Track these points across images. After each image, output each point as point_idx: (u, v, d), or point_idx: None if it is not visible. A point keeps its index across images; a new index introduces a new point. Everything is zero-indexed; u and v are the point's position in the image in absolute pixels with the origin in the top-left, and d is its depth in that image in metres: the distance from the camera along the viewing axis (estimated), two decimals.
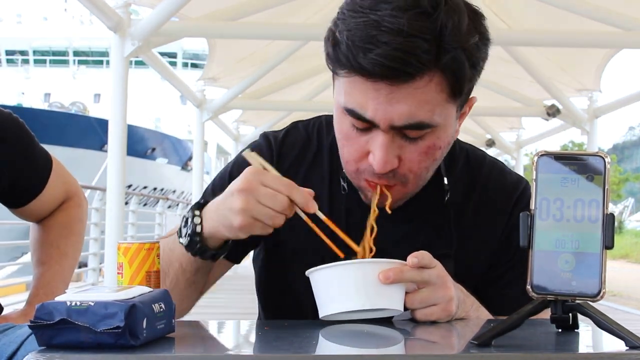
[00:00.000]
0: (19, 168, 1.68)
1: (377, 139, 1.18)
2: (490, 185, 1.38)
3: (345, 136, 1.23)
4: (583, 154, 0.97)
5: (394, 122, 1.16)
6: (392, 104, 1.14)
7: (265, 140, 1.42)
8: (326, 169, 1.37)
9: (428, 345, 1.12)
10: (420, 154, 1.21)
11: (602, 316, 0.95)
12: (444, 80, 1.14)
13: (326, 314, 1.14)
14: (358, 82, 1.15)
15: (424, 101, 1.14)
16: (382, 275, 1.11)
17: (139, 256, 1.15)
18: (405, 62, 1.10)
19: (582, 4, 6.62)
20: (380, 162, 1.19)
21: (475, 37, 1.15)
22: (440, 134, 1.20)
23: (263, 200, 1.14)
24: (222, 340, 1.18)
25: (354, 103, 1.17)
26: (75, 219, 1.85)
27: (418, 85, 1.13)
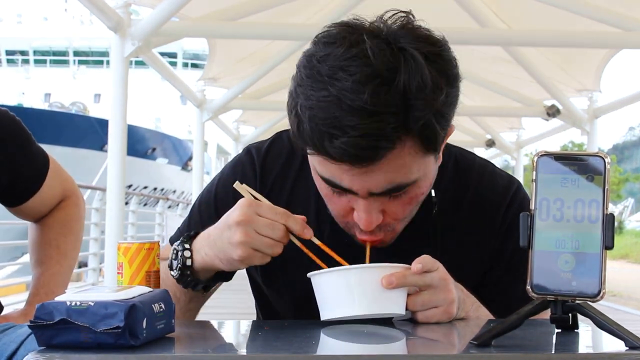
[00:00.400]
0: (16, 166, 1.68)
1: (358, 202, 1.18)
2: (481, 188, 1.35)
3: (326, 195, 1.23)
4: (583, 154, 0.97)
5: (372, 190, 1.15)
6: (368, 175, 1.12)
7: (247, 155, 1.39)
8: (312, 184, 1.30)
9: (428, 345, 1.12)
10: (404, 205, 1.20)
11: (602, 316, 0.95)
12: (417, 142, 1.11)
13: (328, 317, 1.14)
14: (327, 161, 1.13)
15: (400, 166, 1.13)
16: (385, 281, 1.11)
17: (139, 256, 1.15)
18: (373, 146, 1.07)
19: (582, 4, 6.62)
20: (365, 223, 1.18)
21: (443, 91, 1.10)
22: (421, 184, 1.19)
23: (262, 230, 1.15)
24: (222, 340, 1.18)
25: (329, 174, 1.16)
26: (74, 218, 1.85)
27: (391, 157, 1.10)
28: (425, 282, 1.16)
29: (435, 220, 1.32)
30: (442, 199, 1.32)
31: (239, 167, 1.38)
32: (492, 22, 7.07)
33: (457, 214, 1.34)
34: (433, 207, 1.32)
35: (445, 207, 1.33)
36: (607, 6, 6.63)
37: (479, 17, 6.98)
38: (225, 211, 1.22)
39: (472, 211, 1.34)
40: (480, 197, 1.34)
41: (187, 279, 1.24)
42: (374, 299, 1.12)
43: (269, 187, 1.34)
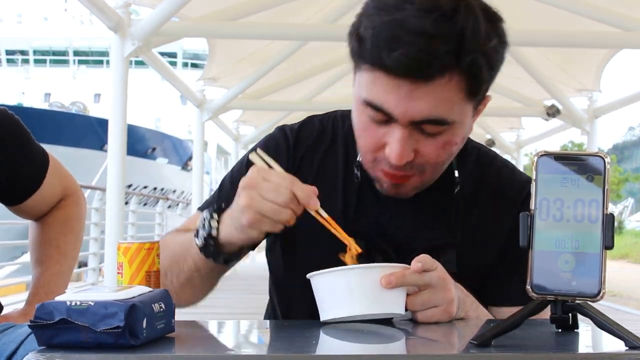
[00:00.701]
0: (16, 165, 1.68)
1: (394, 132, 1.21)
2: (499, 183, 1.41)
3: (362, 127, 1.26)
4: (583, 154, 0.97)
5: (413, 118, 1.19)
6: (413, 100, 1.17)
7: (281, 131, 1.45)
8: (341, 158, 1.40)
9: (428, 345, 1.12)
10: (437, 148, 1.24)
11: (602, 316, 0.95)
12: (463, 80, 1.17)
13: (327, 318, 1.14)
14: (380, 77, 1.18)
15: (443, 99, 1.18)
16: (384, 280, 1.12)
17: (139, 256, 1.15)
18: (427, 62, 1.13)
19: (582, 4, 6.62)
20: (397, 155, 1.21)
21: (494, 41, 1.19)
22: (456, 130, 1.24)
23: (266, 194, 1.16)
24: (222, 340, 1.18)
25: (375, 96, 1.20)
26: (74, 217, 1.85)
27: (438, 84, 1.16)
28: (424, 282, 1.16)
29: (457, 203, 1.37)
30: (463, 183, 1.37)
31: (271, 141, 1.43)
32: None
33: (475, 203, 1.38)
34: (455, 187, 1.37)
35: (465, 195, 1.38)
36: (607, 6, 6.63)
37: None
38: None
39: (489, 203, 1.38)
40: (498, 192, 1.40)
41: (210, 249, 1.26)
42: (374, 299, 1.12)
43: (299, 161, 1.40)
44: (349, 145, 1.40)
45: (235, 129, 13.43)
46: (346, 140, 1.41)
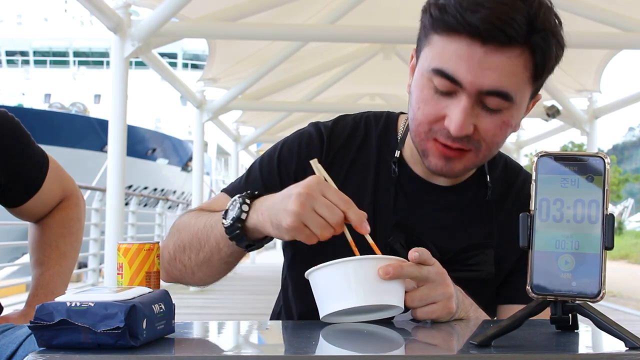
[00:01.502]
0: (16, 167, 1.68)
1: (458, 102, 1.24)
2: (524, 192, 1.44)
3: (424, 99, 1.28)
4: (583, 154, 0.97)
5: (482, 87, 1.22)
6: (484, 69, 1.21)
7: (314, 127, 1.46)
8: (373, 156, 1.42)
9: (428, 346, 1.12)
10: (495, 126, 1.27)
11: (602, 317, 0.95)
12: (531, 58, 1.23)
13: (326, 313, 1.14)
14: (455, 43, 1.22)
15: (511, 72, 1.22)
16: (381, 271, 1.12)
17: (139, 257, 1.15)
18: (506, 25, 1.18)
19: (582, 4, 6.62)
20: (458, 125, 1.24)
21: (561, 31, 1.26)
22: (514, 112, 1.27)
23: (319, 209, 1.16)
24: (221, 341, 1.18)
25: (447, 63, 1.23)
26: (73, 219, 1.85)
27: (510, 55, 1.21)
28: (422, 274, 1.16)
29: (491, 206, 1.41)
30: (493, 188, 1.42)
31: (305, 135, 1.45)
32: None
33: (504, 206, 1.42)
34: (488, 190, 1.42)
35: (495, 199, 1.42)
36: (607, 6, 6.64)
37: None
38: (286, 171, 1.39)
39: (513, 212, 1.39)
40: (523, 198, 1.43)
41: (236, 231, 1.26)
42: (371, 291, 1.12)
43: (333, 156, 1.42)
44: (382, 144, 1.43)
45: (235, 129, 13.44)
46: (380, 139, 1.44)
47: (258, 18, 7.09)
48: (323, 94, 10.97)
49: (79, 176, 5.20)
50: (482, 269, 1.36)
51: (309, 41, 8.24)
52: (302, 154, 1.42)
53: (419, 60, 1.31)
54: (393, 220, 1.37)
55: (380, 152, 1.43)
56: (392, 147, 1.42)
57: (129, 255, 1.15)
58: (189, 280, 1.42)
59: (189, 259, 1.35)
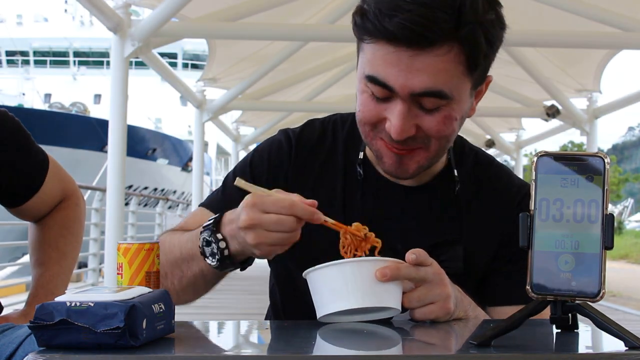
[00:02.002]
0: (16, 167, 1.68)
1: (395, 107, 1.24)
2: (497, 185, 1.44)
3: (364, 103, 1.29)
4: (583, 154, 0.97)
5: (413, 89, 1.22)
6: (412, 71, 1.20)
7: (283, 134, 1.48)
8: (341, 160, 1.43)
9: (427, 346, 1.12)
10: (438, 122, 1.26)
11: (602, 316, 0.95)
12: (462, 52, 1.20)
13: (324, 313, 1.14)
14: (381, 49, 1.21)
15: (442, 70, 1.20)
16: (378, 273, 1.12)
17: (139, 257, 1.15)
18: (426, 27, 1.17)
19: (582, 4, 6.62)
20: (397, 129, 1.24)
21: (492, 16, 1.22)
22: (454, 106, 1.26)
23: (271, 227, 1.16)
24: (221, 341, 1.18)
25: (376, 70, 1.23)
26: (73, 219, 1.85)
27: (437, 54, 1.19)
28: (419, 275, 1.16)
29: (459, 201, 1.40)
30: (462, 183, 1.40)
31: (275, 143, 1.47)
32: None
33: (475, 201, 1.41)
34: (455, 185, 1.40)
35: (465, 194, 1.41)
36: (607, 6, 6.63)
37: None
38: (259, 179, 1.38)
39: (486, 205, 1.41)
40: (496, 191, 1.43)
41: (227, 266, 1.26)
42: (369, 292, 1.12)
43: (302, 161, 1.43)
44: (349, 146, 1.43)
45: (235, 129, 13.43)
46: (347, 142, 1.44)
47: (258, 18, 7.09)
48: (323, 94, 10.97)
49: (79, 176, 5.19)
50: (451, 265, 1.33)
51: (309, 41, 8.24)
52: (272, 161, 1.44)
53: (358, 66, 1.31)
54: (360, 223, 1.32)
55: (347, 155, 1.43)
56: (358, 149, 1.43)
57: (129, 255, 1.15)
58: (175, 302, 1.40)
59: (172, 284, 1.34)
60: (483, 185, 1.43)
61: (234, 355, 1.01)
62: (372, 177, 1.41)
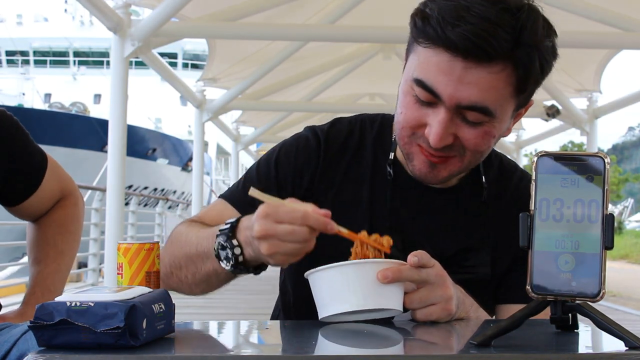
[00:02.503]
0: (14, 166, 1.68)
1: (438, 114, 1.25)
2: (521, 188, 1.44)
3: (406, 105, 1.29)
4: (583, 154, 0.97)
5: (460, 101, 1.23)
6: (463, 83, 1.21)
7: (311, 131, 1.47)
8: (369, 159, 1.43)
9: (428, 346, 1.12)
10: (477, 136, 1.27)
11: (602, 316, 0.95)
12: (514, 74, 1.22)
13: (325, 315, 1.14)
14: (437, 56, 1.22)
15: (492, 88, 1.22)
16: (380, 275, 1.12)
17: (139, 257, 1.15)
18: (487, 42, 1.17)
19: (582, 4, 6.62)
20: (436, 137, 1.25)
21: (549, 42, 1.25)
22: (496, 124, 1.27)
23: (285, 238, 1.14)
24: (222, 341, 1.18)
25: (427, 75, 1.24)
26: (72, 218, 1.85)
27: (491, 70, 1.20)
28: (421, 277, 1.17)
29: (487, 207, 1.41)
30: (489, 189, 1.41)
31: (302, 139, 1.45)
32: None
33: (499, 207, 1.42)
34: (483, 192, 1.41)
35: (491, 198, 1.42)
36: (607, 6, 6.63)
37: None
38: (283, 175, 1.40)
39: (509, 211, 1.39)
40: (520, 197, 1.42)
41: (241, 271, 1.25)
42: (370, 294, 1.12)
43: (330, 159, 1.42)
44: (378, 147, 1.43)
45: (235, 129, 13.44)
46: (375, 142, 1.44)
47: (258, 18, 7.09)
48: (323, 94, 10.97)
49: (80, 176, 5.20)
50: (478, 271, 1.36)
51: (309, 41, 8.24)
52: (300, 158, 1.42)
53: (406, 64, 1.31)
54: (388, 223, 1.37)
55: (376, 155, 1.43)
56: (386, 149, 1.43)
57: (129, 255, 1.15)
58: (187, 293, 1.39)
59: (186, 277, 1.34)
60: (507, 191, 1.44)
61: (234, 355, 1.01)
62: (401, 178, 1.40)
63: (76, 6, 40.98)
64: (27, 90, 36.60)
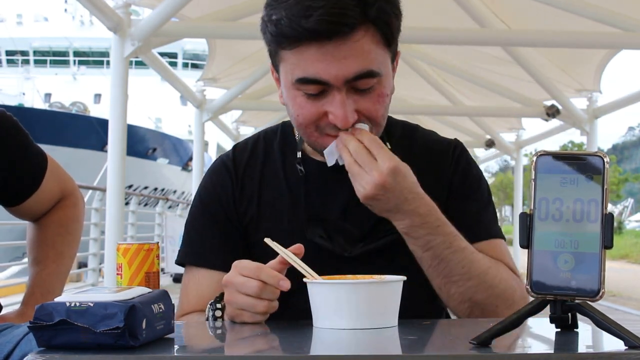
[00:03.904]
0: (14, 166, 1.68)
1: (333, 98, 1.31)
2: (428, 141, 1.53)
3: (299, 106, 1.35)
4: (582, 153, 0.97)
5: (346, 76, 1.29)
6: (340, 60, 1.28)
7: (218, 161, 1.54)
8: (279, 164, 1.49)
9: (428, 345, 1.12)
10: (374, 102, 1.34)
11: (602, 316, 0.95)
12: (376, 32, 1.30)
13: (320, 326, 1.14)
14: (305, 50, 1.28)
15: (365, 52, 1.29)
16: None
17: (139, 257, 1.16)
18: (340, 17, 1.25)
19: (582, 4, 6.61)
20: (343, 118, 1.31)
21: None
22: (384, 82, 1.35)
23: (240, 288, 1.21)
24: (221, 341, 1.18)
25: (306, 71, 1.30)
26: (72, 218, 1.85)
27: (356, 38, 1.27)
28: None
29: None
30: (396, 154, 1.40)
31: (214, 171, 1.53)
32: (491, 23, 7.06)
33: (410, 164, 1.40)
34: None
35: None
36: (607, 6, 6.63)
37: (478, 17, 6.97)
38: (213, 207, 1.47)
39: (421, 160, 1.46)
40: (427, 149, 1.51)
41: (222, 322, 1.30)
42: (364, 314, 1.11)
43: (242, 177, 1.49)
44: (285, 150, 1.50)
45: (235, 129, 13.43)
46: (281, 147, 1.50)
47: (258, 18, 7.07)
48: None
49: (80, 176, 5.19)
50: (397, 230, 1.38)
51: None
52: (217, 188, 1.49)
53: (280, 76, 1.38)
54: (306, 215, 1.42)
55: (285, 158, 1.50)
56: (293, 149, 1.49)
57: (129, 255, 1.16)
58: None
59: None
60: (413, 149, 1.49)
61: (234, 355, 1.01)
62: (313, 170, 1.46)
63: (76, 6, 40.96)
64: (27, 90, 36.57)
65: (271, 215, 1.44)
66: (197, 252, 1.47)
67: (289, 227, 1.42)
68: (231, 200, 1.47)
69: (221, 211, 1.47)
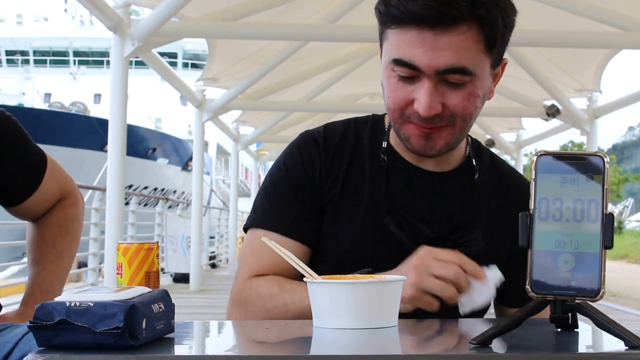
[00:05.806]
0: (13, 166, 1.68)
1: (422, 86, 1.32)
2: (513, 177, 1.55)
3: (392, 88, 1.37)
4: (582, 153, 0.97)
5: (438, 67, 1.30)
6: (436, 49, 1.29)
7: (308, 135, 1.52)
8: (367, 152, 1.50)
9: (428, 345, 1.12)
10: (463, 99, 1.34)
11: (602, 316, 0.95)
12: (480, 31, 1.30)
13: (320, 326, 1.14)
14: (406, 33, 1.30)
15: (464, 48, 1.29)
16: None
17: (139, 256, 1.15)
18: (447, 7, 1.26)
19: (582, 4, 6.62)
20: (425, 107, 1.32)
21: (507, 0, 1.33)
22: (477, 83, 1.34)
23: (436, 271, 1.25)
24: (221, 340, 1.18)
25: (403, 52, 1.31)
26: (71, 218, 1.85)
27: (458, 33, 1.28)
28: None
29: (480, 188, 1.48)
30: (481, 177, 1.48)
31: (301, 143, 1.51)
32: None
33: (494, 191, 1.49)
34: (475, 174, 1.48)
35: (484, 185, 1.50)
36: (607, 6, 6.63)
37: None
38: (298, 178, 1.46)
39: (503, 201, 1.49)
40: (513, 185, 1.53)
41: None
42: (365, 314, 1.11)
43: (331, 158, 1.49)
44: (372, 139, 1.50)
45: (235, 129, 13.44)
46: (370, 135, 1.51)
47: (258, 18, 7.09)
48: (323, 93, 10.96)
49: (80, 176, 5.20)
50: (473, 244, 1.41)
51: (309, 41, 8.24)
52: (305, 158, 1.48)
53: (382, 55, 1.40)
54: (386, 206, 1.43)
55: (372, 147, 1.50)
56: (380, 140, 1.50)
57: (129, 255, 1.15)
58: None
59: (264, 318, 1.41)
60: (501, 178, 1.52)
61: (234, 355, 1.01)
62: (397, 163, 1.48)
63: (76, 6, 40.95)
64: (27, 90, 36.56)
65: (351, 198, 1.45)
66: (275, 218, 1.46)
67: (366, 212, 1.44)
68: (317, 174, 1.47)
69: (306, 182, 1.47)
